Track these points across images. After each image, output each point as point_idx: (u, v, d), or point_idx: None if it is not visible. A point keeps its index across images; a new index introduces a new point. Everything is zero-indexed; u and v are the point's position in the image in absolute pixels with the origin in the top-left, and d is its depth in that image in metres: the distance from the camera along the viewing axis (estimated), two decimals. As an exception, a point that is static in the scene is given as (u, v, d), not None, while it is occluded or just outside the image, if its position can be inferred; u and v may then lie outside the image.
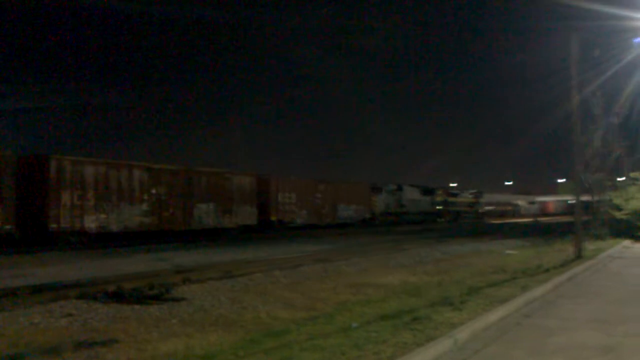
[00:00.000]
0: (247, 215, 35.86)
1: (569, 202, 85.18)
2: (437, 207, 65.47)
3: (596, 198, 31.09)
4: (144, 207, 28.92)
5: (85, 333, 7.52)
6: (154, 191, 29.48)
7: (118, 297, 9.96)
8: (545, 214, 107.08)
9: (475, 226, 49.91)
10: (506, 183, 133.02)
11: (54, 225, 24.76)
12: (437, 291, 11.10)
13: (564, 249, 20.98)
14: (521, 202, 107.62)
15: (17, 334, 7.46)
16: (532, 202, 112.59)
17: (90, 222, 26.29)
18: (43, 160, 25.09)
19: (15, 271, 15.17)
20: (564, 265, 15.89)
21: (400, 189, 57.30)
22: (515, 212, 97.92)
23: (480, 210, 78.71)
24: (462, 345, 7.14)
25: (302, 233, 36.87)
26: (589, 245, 21.77)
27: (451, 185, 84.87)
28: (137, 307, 9.29)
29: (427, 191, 63.23)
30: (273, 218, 38.90)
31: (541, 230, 38.33)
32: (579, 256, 17.95)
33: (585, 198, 27.35)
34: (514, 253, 20.60)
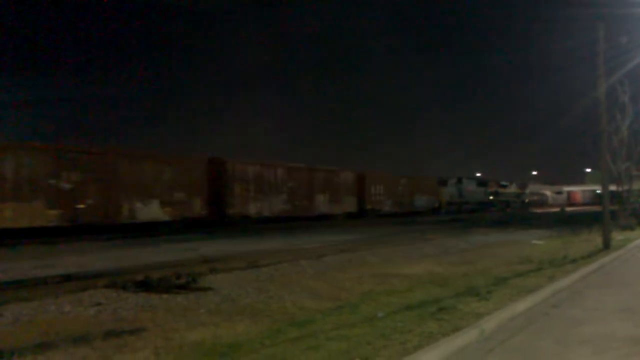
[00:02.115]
0: (349, 204, 44.18)
1: (597, 192, 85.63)
2: (490, 198, 70.82)
3: (624, 188, 30.75)
4: (284, 197, 37.19)
5: (114, 322, 7.61)
6: (289, 185, 37.72)
7: (146, 286, 10.07)
8: (573, 204, 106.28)
9: (504, 216, 50.11)
10: (533, 173, 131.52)
11: (230, 211, 33.22)
12: (462, 281, 11.07)
13: (591, 239, 20.82)
14: (548, 192, 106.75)
15: (48, 322, 7.57)
16: (560, 192, 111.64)
17: (252, 209, 34.74)
18: (222, 162, 33.14)
19: (45, 261, 15.38)
20: (592, 255, 15.76)
21: (460, 181, 63.65)
22: (543, 201, 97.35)
23: (525, 200, 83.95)
24: (489, 335, 7.11)
25: (361, 223, 40.25)
26: (617, 236, 21.59)
27: (477, 175, 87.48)
28: (164, 296, 9.39)
29: (482, 183, 69.62)
30: (367, 207, 46.19)
31: (568, 220, 37.99)
32: (606, 246, 17.78)
33: (613, 188, 27.06)
34: (540, 243, 20.45)
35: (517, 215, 50.58)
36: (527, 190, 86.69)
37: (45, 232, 23.60)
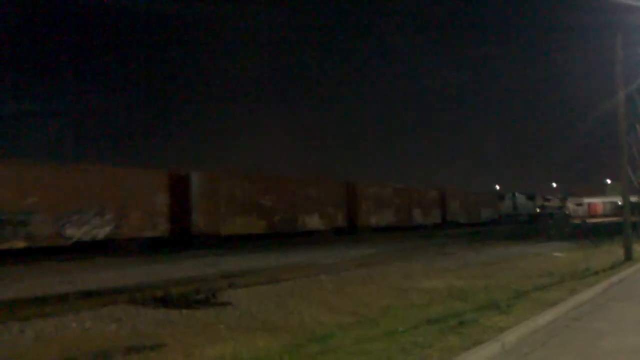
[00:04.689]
0: (435, 216, 52.93)
1: (618, 203, 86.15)
2: (537, 210, 76.75)
3: (646, 199, 30.40)
4: (392, 211, 46.34)
5: (134, 338, 7.64)
6: (395, 201, 46.95)
7: (166, 302, 10.09)
8: (593, 215, 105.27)
9: (529, 229, 50.44)
10: (553, 185, 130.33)
11: (358, 222, 41.96)
12: (483, 295, 11.01)
13: (613, 251, 20.63)
14: (569, 204, 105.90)
15: (69, 338, 7.61)
16: (580, 204, 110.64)
17: (372, 220, 43.62)
18: (354, 184, 42.62)
19: (65, 277, 15.48)
20: (613, 267, 15.61)
21: (514, 196, 72.31)
22: None
23: (566, 212, 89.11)
24: (510, 349, 7.07)
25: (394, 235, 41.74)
26: (639, 247, 21.33)
27: (496, 187, 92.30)
28: (184, 311, 9.41)
29: (530, 197, 75.73)
30: (448, 219, 54.76)
31: (589, 232, 37.68)
32: (628, 258, 17.62)
33: (634, 199, 26.78)
34: (561, 255, 20.28)
35: (538, 228, 51.48)
36: (567, 203, 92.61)
37: (256, 237, 32.96)
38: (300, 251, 24.96)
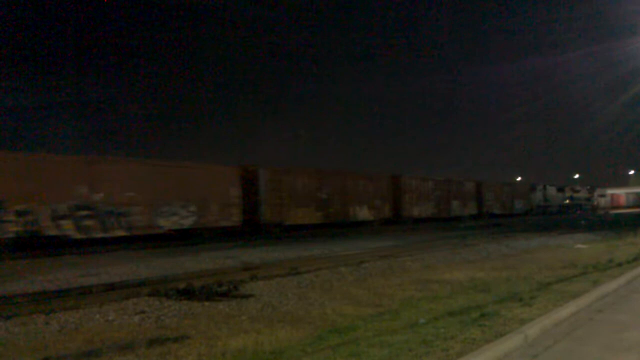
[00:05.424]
0: (471, 207, 54.85)
1: None
2: (566, 201, 79.64)
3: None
4: (432, 203, 48.14)
5: (158, 330, 7.71)
6: (436, 193, 48.64)
7: (188, 294, 10.18)
8: (616, 206, 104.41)
9: (549, 220, 50.51)
10: (575, 176, 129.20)
11: (402, 214, 43.93)
12: (505, 287, 10.95)
13: (637, 242, 20.44)
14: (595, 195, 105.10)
15: (93, 330, 7.71)
16: (602, 195, 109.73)
17: (415, 212, 45.57)
18: (398, 177, 44.21)
19: (88, 270, 15.63)
20: (637, 259, 15.43)
21: (545, 188, 73.19)
22: None
23: (594, 203, 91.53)
24: (533, 341, 7.02)
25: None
26: (663, 239, 21.14)
27: (518, 179, 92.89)
28: (206, 303, 9.49)
29: (560, 189, 78.29)
30: (483, 210, 56.58)
31: (612, 224, 37.36)
32: (653, 249, 17.41)
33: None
34: (584, 247, 20.12)
35: (560, 220, 51.59)
36: (595, 194, 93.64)
37: (314, 227, 35.91)
38: (327, 243, 25.25)
